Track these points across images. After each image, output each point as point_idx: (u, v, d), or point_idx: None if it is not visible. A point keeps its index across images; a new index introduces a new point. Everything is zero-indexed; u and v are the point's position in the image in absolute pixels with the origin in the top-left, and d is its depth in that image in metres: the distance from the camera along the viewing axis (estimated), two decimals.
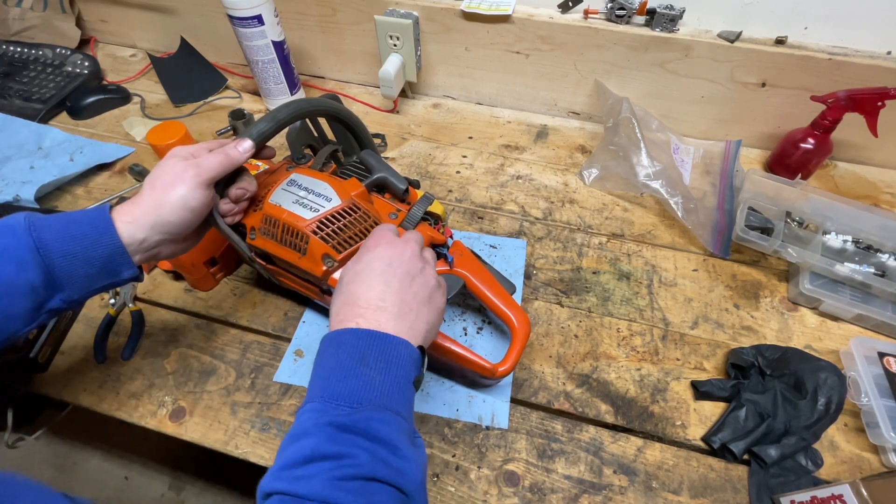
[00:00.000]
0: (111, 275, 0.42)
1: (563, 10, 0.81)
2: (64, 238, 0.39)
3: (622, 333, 0.63)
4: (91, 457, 1.22)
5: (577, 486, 0.51)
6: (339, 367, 0.36)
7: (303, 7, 0.89)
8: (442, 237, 0.56)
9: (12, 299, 0.37)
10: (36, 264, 0.38)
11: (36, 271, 0.38)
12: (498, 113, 0.95)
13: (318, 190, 0.52)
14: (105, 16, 1.04)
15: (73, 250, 0.39)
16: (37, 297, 0.38)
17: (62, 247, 0.39)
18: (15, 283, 0.37)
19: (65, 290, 0.40)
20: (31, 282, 0.38)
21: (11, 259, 0.37)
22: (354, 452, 0.32)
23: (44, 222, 0.39)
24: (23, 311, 0.38)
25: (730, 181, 0.79)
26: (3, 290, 0.37)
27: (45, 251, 0.38)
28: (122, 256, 0.41)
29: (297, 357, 0.60)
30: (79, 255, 0.39)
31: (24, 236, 0.38)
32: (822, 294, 0.63)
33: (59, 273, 0.39)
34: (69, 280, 0.40)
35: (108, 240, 0.40)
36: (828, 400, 0.52)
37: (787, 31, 0.75)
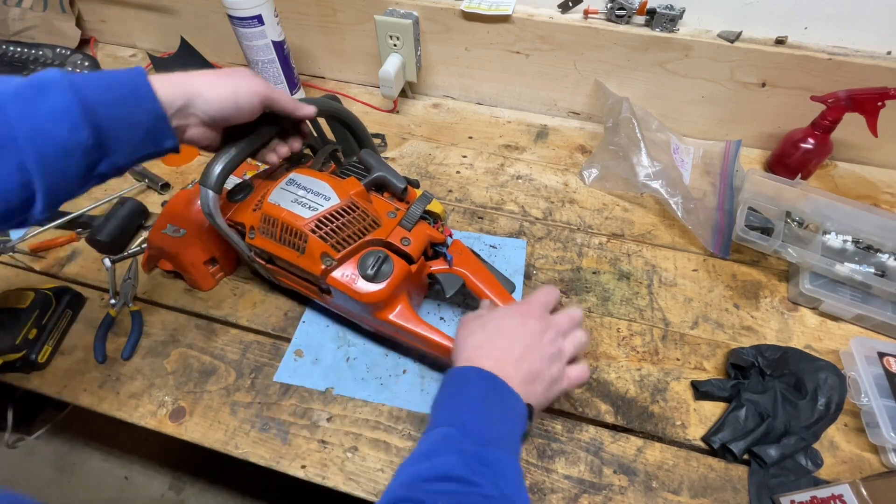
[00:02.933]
0: (155, 143, 0.42)
1: (563, 10, 0.81)
2: (107, 101, 0.38)
3: (622, 333, 0.63)
4: (91, 457, 1.22)
5: (577, 486, 0.51)
6: (469, 401, 0.40)
7: (303, 7, 0.89)
8: (441, 236, 0.56)
9: (68, 158, 0.37)
10: (86, 125, 0.37)
11: (87, 132, 0.37)
12: (498, 113, 0.95)
13: (317, 189, 0.52)
14: (105, 16, 1.04)
15: (117, 114, 0.39)
16: (88, 158, 0.38)
17: (108, 111, 0.38)
18: (69, 142, 0.36)
19: (113, 155, 0.39)
20: (84, 140, 0.37)
21: (64, 118, 0.36)
22: (484, 484, 0.35)
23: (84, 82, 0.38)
24: (76, 171, 0.38)
25: (730, 181, 0.79)
26: (58, 150, 0.36)
27: (92, 112, 0.37)
28: (164, 125, 0.41)
29: (297, 357, 0.60)
30: (123, 119, 0.39)
31: (69, 94, 0.36)
32: (822, 294, 0.63)
33: (108, 135, 0.38)
34: (117, 144, 0.39)
35: (150, 106, 0.40)
36: (828, 400, 0.52)
37: (787, 31, 0.75)
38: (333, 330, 0.62)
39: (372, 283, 0.51)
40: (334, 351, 0.60)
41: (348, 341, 0.61)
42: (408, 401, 0.56)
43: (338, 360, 0.60)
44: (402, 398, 0.56)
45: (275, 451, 0.53)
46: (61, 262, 0.70)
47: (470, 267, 0.56)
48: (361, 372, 0.59)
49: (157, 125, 0.41)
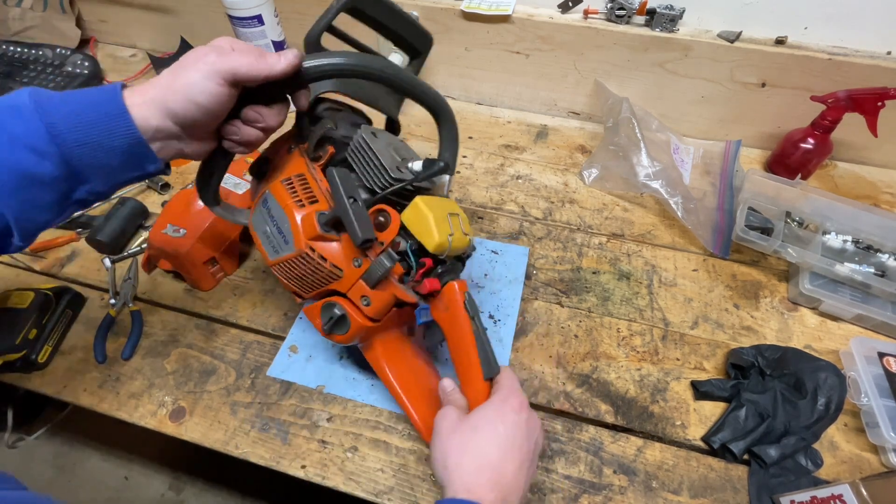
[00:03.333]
0: (136, 168, 0.38)
1: (563, 10, 0.81)
2: (77, 126, 0.34)
3: (622, 333, 0.63)
4: (91, 457, 1.22)
5: (577, 486, 0.51)
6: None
7: (303, 7, 0.89)
8: (409, 297, 0.46)
9: (36, 190, 0.34)
10: (52, 154, 0.34)
11: (53, 162, 0.34)
12: (498, 113, 0.95)
13: (281, 225, 0.46)
14: (105, 16, 1.04)
15: (88, 139, 0.35)
16: (59, 188, 0.35)
17: (76, 135, 0.34)
18: (34, 172, 0.34)
19: (89, 182, 0.36)
20: (51, 172, 0.34)
21: (26, 146, 0.33)
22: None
23: (53, 104, 0.34)
24: (49, 200, 0.35)
25: (730, 181, 0.79)
26: (24, 180, 0.33)
27: (60, 139, 0.34)
28: (142, 148, 0.36)
29: (291, 353, 0.60)
30: (95, 144, 0.35)
31: (34, 120, 0.33)
32: (822, 294, 0.63)
33: (79, 164, 0.35)
34: (91, 171, 0.36)
35: (125, 129, 0.35)
36: (828, 400, 0.52)
37: (787, 31, 0.75)
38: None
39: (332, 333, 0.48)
40: (328, 349, 0.60)
41: None
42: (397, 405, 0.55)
43: (331, 358, 0.60)
44: (391, 402, 0.56)
45: (275, 451, 0.53)
46: (61, 262, 0.70)
47: (454, 332, 0.46)
48: (353, 372, 0.59)
49: (135, 149, 0.36)
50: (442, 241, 0.43)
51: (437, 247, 0.43)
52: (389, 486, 0.50)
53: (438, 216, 0.44)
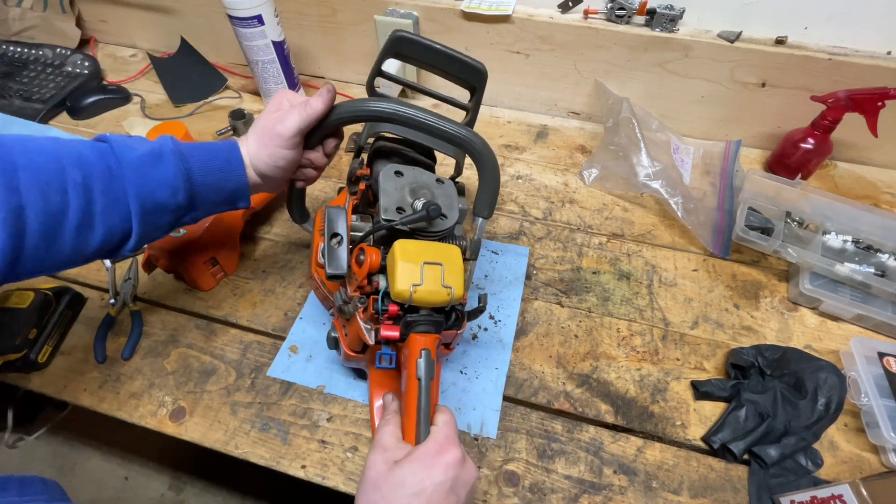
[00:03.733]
0: (230, 203, 0.49)
1: (563, 10, 0.81)
2: (206, 170, 0.45)
3: (622, 333, 0.63)
4: (91, 457, 1.22)
5: (577, 486, 0.51)
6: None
7: (303, 7, 0.89)
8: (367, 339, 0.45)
9: (164, 214, 0.45)
10: (184, 190, 0.44)
11: (183, 196, 0.44)
12: (498, 113, 0.95)
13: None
14: (105, 16, 1.04)
15: (210, 181, 0.46)
16: (178, 214, 0.46)
17: (203, 178, 0.45)
18: (168, 203, 0.44)
19: (196, 211, 0.47)
20: (178, 203, 0.45)
21: (169, 185, 0.43)
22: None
23: (188, 152, 0.45)
24: (167, 223, 0.46)
25: (730, 181, 0.79)
26: (158, 208, 0.44)
27: (191, 180, 0.45)
28: (244, 191, 0.48)
29: (292, 353, 0.60)
30: (213, 185, 0.46)
31: (177, 165, 0.44)
32: (822, 294, 0.63)
33: (197, 198, 0.46)
34: (202, 204, 0.47)
35: (238, 177, 0.47)
36: (828, 400, 0.52)
37: (787, 31, 0.75)
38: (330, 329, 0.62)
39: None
40: (329, 350, 0.60)
41: None
42: None
43: (332, 358, 0.60)
44: None
45: (275, 451, 0.53)
46: None
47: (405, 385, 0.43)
48: (353, 373, 0.59)
49: (239, 192, 0.48)
50: (402, 290, 0.41)
51: (397, 295, 0.42)
52: None
53: (410, 263, 0.42)
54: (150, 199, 0.43)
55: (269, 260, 0.70)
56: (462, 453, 0.39)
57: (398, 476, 0.37)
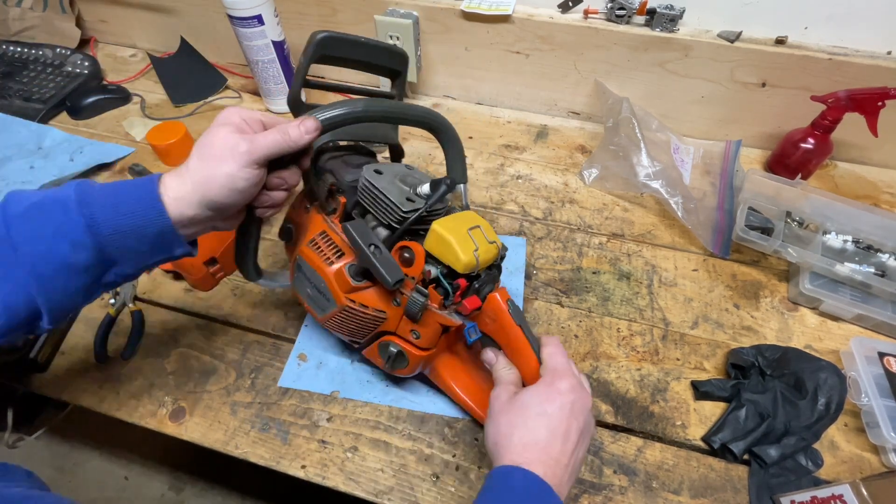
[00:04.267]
0: (163, 251, 0.41)
1: (563, 10, 0.81)
2: (114, 216, 0.38)
3: (622, 333, 0.63)
4: (91, 457, 1.22)
5: (577, 486, 0.51)
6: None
7: (303, 7, 0.89)
8: (453, 322, 0.46)
9: (69, 277, 0.37)
10: (89, 244, 0.37)
11: (89, 251, 0.37)
12: (498, 113, 0.95)
13: (318, 286, 0.48)
14: (105, 16, 1.04)
15: (123, 228, 0.38)
16: (91, 273, 0.38)
17: (113, 224, 0.37)
18: (70, 261, 0.37)
19: (118, 265, 0.39)
20: (85, 261, 0.37)
21: (66, 238, 0.36)
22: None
23: (93, 197, 0.38)
24: (80, 287, 0.38)
25: (730, 181, 0.79)
26: (60, 269, 0.37)
27: (96, 229, 0.37)
28: (173, 235, 0.39)
29: (301, 361, 0.60)
30: (129, 233, 0.38)
31: (76, 214, 0.36)
32: (822, 294, 0.63)
33: (112, 250, 0.38)
34: (122, 256, 0.39)
35: (158, 219, 0.38)
36: (828, 400, 0.52)
37: (787, 31, 0.75)
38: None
39: (395, 369, 0.51)
40: (338, 354, 0.60)
41: None
42: (413, 402, 0.56)
43: (342, 363, 0.59)
44: (408, 399, 0.56)
45: (275, 451, 0.53)
46: None
47: (506, 341, 0.46)
48: (366, 375, 0.58)
49: (166, 236, 0.39)
50: (469, 261, 0.43)
51: (466, 267, 0.43)
52: (389, 486, 0.50)
53: (460, 236, 0.44)
54: (44, 261, 0.36)
55: (270, 260, 0.70)
56: (576, 380, 0.42)
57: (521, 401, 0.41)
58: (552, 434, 0.39)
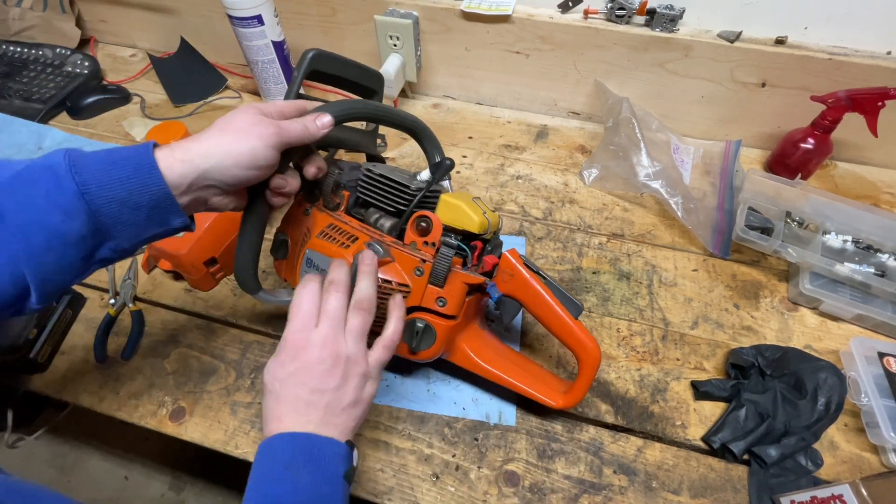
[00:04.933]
0: (161, 223, 0.39)
1: (563, 10, 0.81)
2: (106, 182, 0.35)
3: (622, 333, 0.63)
4: (91, 457, 1.22)
5: (577, 486, 0.51)
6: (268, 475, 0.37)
7: (303, 7, 0.89)
8: (477, 279, 0.48)
9: (62, 249, 0.35)
10: (82, 211, 0.34)
11: (83, 219, 0.35)
12: (498, 113, 0.95)
13: None
14: (105, 16, 1.04)
15: (117, 196, 0.35)
16: (86, 246, 0.36)
17: (106, 192, 0.35)
18: (62, 231, 0.34)
19: (114, 239, 0.37)
20: (78, 230, 0.35)
21: (57, 206, 0.34)
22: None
23: (84, 163, 0.35)
24: (74, 261, 0.36)
25: (730, 181, 0.79)
26: (52, 240, 0.34)
27: (89, 196, 0.34)
28: (169, 203, 0.37)
29: None
30: (124, 201, 0.36)
31: (68, 180, 0.34)
32: (822, 294, 0.63)
33: (106, 220, 0.36)
34: (117, 228, 0.37)
35: (154, 185, 0.36)
36: (828, 400, 0.52)
37: (787, 31, 0.75)
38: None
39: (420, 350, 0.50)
40: None
41: None
42: (413, 401, 0.56)
43: None
44: (408, 399, 0.57)
45: None
46: None
47: (524, 292, 0.49)
48: None
49: (162, 205, 0.37)
50: (482, 220, 0.47)
51: (480, 226, 0.47)
52: (389, 487, 0.50)
53: (468, 202, 0.48)
54: (36, 229, 0.34)
55: (270, 260, 0.70)
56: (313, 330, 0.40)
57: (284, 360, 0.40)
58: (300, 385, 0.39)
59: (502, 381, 0.52)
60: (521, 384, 0.52)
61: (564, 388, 0.52)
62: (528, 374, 0.53)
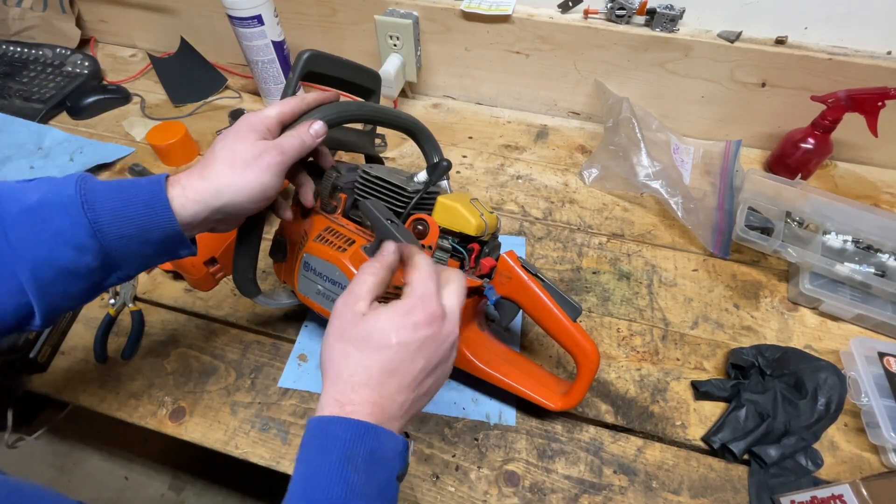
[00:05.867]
0: (168, 254, 0.40)
1: (563, 10, 0.81)
2: (119, 220, 0.36)
3: (622, 333, 0.63)
4: (91, 457, 1.22)
5: (577, 486, 0.51)
6: (323, 468, 0.32)
7: (303, 7, 0.89)
8: (474, 282, 0.49)
9: (70, 282, 0.36)
10: (93, 249, 0.36)
11: (93, 255, 0.36)
12: (498, 113, 0.95)
13: (332, 276, 0.48)
14: (105, 16, 1.04)
15: (128, 232, 0.37)
16: (94, 278, 0.37)
17: (118, 230, 0.36)
18: (73, 267, 0.35)
19: (121, 269, 0.38)
20: (88, 265, 0.36)
21: (69, 243, 0.35)
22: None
23: (98, 197, 0.36)
24: (79, 290, 0.37)
25: (730, 181, 0.79)
26: (60, 274, 0.35)
27: (101, 234, 0.36)
28: (180, 238, 0.39)
29: (301, 362, 0.60)
30: (135, 237, 0.37)
31: (79, 216, 0.35)
32: (822, 294, 0.63)
33: (116, 255, 0.37)
34: (126, 261, 0.38)
35: (166, 223, 0.37)
36: (828, 400, 0.52)
37: (787, 31, 0.75)
38: None
39: None
40: None
41: None
42: None
43: None
44: None
45: (275, 451, 0.53)
46: None
47: (523, 295, 0.49)
48: None
49: (173, 240, 0.39)
50: (479, 223, 0.47)
51: (477, 228, 0.47)
52: None
53: (465, 204, 0.48)
54: (45, 266, 0.35)
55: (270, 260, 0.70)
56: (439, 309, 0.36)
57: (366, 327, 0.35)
58: (388, 373, 0.34)
59: (501, 384, 0.52)
60: (520, 386, 0.52)
61: (564, 390, 0.52)
62: (527, 375, 0.53)
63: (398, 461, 0.34)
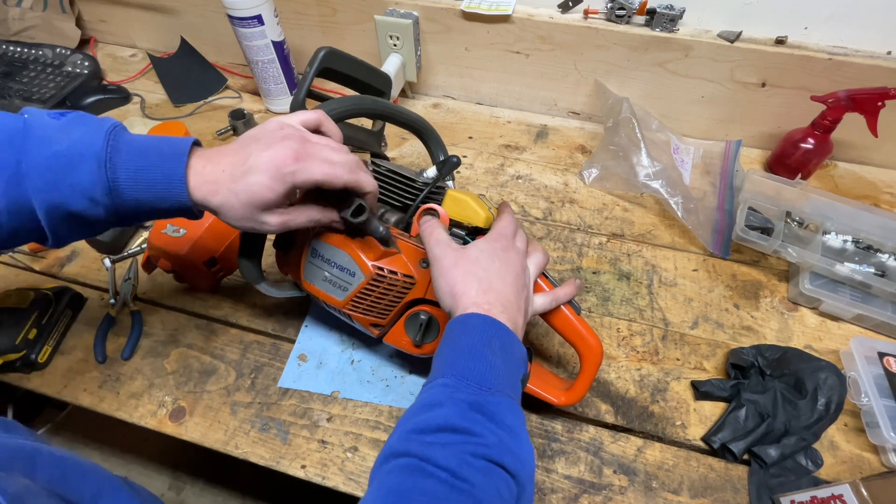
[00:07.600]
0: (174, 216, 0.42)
1: (563, 10, 0.81)
2: (136, 184, 0.38)
3: (622, 333, 0.63)
4: (91, 456, 1.22)
5: (577, 486, 0.51)
6: (470, 349, 0.37)
7: (303, 7, 0.89)
8: None
9: (80, 226, 0.39)
10: (105, 204, 0.38)
11: (104, 209, 0.38)
12: (498, 113, 0.95)
13: (341, 262, 0.48)
14: (105, 16, 1.04)
15: (142, 198, 0.39)
16: (96, 226, 0.40)
17: (133, 193, 0.38)
18: (84, 215, 0.38)
19: (126, 222, 0.42)
20: (96, 216, 0.38)
21: (85, 194, 0.37)
22: (484, 433, 0.33)
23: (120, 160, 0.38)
24: (84, 230, 0.41)
25: (730, 181, 0.79)
26: (71, 218, 0.38)
27: (117, 193, 0.38)
28: (189, 211, 0.41)
29: (301, 362, 0.60)
30: (147, 202, 0.39)
31: (101, 174, 0.37)
32: (822, 294, 0.63)
33: (125, 212, 0.39)
34: (132, 218, 0.41)
35: (179, 196, 0.39)
36: (828, 400, 0.52)
37: (787, 31, 0.75)
38: (337, 333, 0.62)
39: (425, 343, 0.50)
40: (339, 354, 0.60)
41: (353, 344, 0.61)
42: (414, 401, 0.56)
43: (342, 363, 0.59)
44: (409, 399, 0.56)
45: (275, 451, 0.53)
46: (61, 261, 0.70)
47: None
48: (367, 374, 0.58)
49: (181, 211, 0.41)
50: (488, 215, 0.49)
51: (486, 221, 0.48)
52: None
53: (474, 198, 0.49)
54: (59, 209, 0.37)
55: (270, 259, 0.70)
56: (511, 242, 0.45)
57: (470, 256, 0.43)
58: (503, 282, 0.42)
59: None
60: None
61: (565, 387, 0.52)
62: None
63: (522, 365, 0.40)
